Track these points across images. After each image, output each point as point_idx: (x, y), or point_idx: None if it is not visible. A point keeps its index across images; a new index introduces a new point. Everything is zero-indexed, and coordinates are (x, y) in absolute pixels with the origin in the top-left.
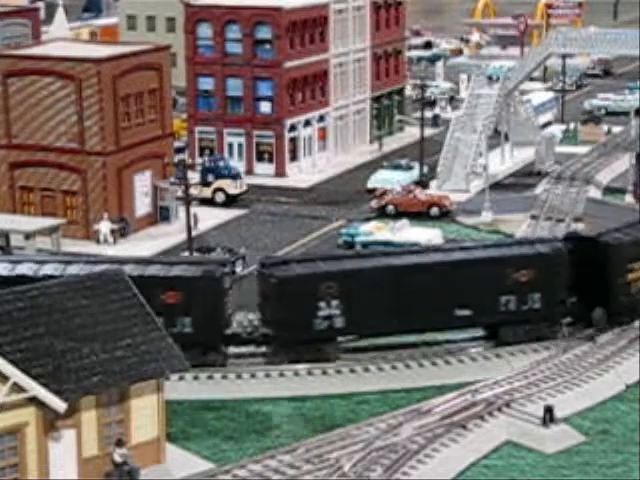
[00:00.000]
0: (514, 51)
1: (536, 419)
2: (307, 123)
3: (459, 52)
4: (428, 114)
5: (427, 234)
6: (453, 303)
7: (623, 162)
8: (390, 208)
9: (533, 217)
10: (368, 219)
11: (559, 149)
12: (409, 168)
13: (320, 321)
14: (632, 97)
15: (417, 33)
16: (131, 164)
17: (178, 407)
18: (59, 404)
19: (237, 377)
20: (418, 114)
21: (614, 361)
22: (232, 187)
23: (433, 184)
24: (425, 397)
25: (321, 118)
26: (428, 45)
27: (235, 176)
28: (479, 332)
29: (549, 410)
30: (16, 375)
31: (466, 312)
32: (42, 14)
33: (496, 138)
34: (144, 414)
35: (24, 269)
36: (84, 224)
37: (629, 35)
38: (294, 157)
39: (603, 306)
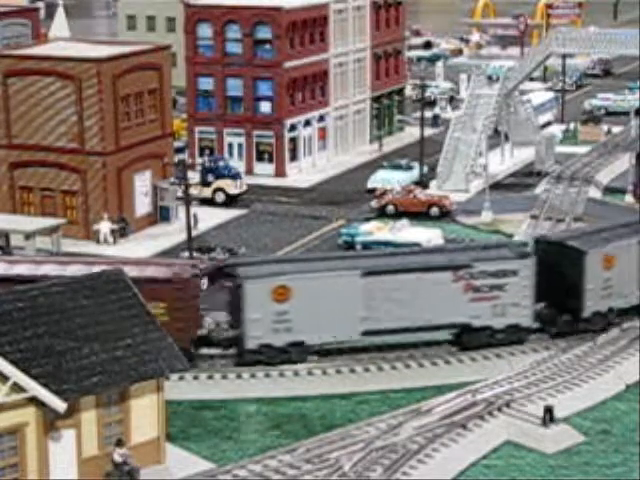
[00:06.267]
0: (514, 51)
1: (536, 419)
2: (307, 123)
3: (459, 52)
4: (428, 114)
5: (427, 234)
6: None
7: (623, 162)
8: (390, 208)
9: (533, 217)
10: (368, 219)
11: (559, 149)
12: (409, 168)
13: None
14: (632, 97)
15: (417, 33)
16: (131, 164)
17: (178, 407)
18: (59, 404)
19: (237, 377)
20: (418, 114)
21: (614, 361)
22: (232, 187)
23: (433, 184)
24: (425, 397)
25: (321, 118)
26: (428, 45)
27: (235, 176)
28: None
29: (549, 410)
30: (16, 375)
31: None
32: (42, 14)
33: (496, 138)
34: (144, 414)
35: None
36: (84, 224)
37: (629, 35)
38: (294, 157)
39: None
